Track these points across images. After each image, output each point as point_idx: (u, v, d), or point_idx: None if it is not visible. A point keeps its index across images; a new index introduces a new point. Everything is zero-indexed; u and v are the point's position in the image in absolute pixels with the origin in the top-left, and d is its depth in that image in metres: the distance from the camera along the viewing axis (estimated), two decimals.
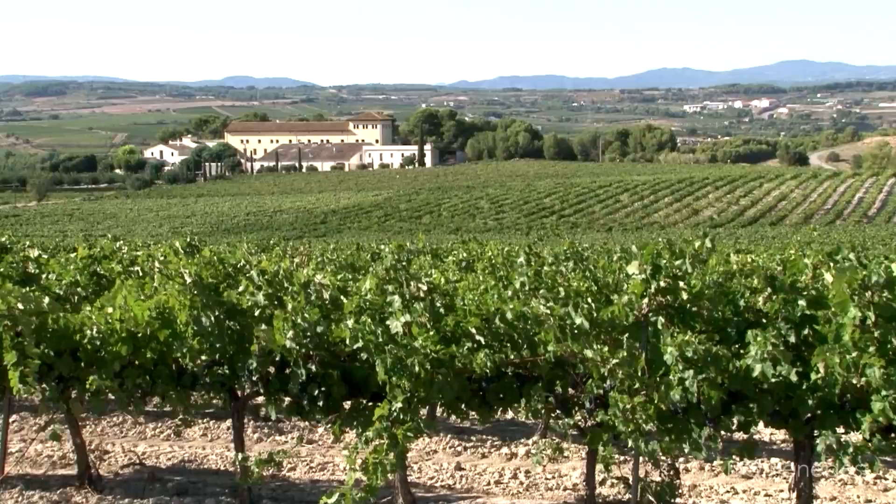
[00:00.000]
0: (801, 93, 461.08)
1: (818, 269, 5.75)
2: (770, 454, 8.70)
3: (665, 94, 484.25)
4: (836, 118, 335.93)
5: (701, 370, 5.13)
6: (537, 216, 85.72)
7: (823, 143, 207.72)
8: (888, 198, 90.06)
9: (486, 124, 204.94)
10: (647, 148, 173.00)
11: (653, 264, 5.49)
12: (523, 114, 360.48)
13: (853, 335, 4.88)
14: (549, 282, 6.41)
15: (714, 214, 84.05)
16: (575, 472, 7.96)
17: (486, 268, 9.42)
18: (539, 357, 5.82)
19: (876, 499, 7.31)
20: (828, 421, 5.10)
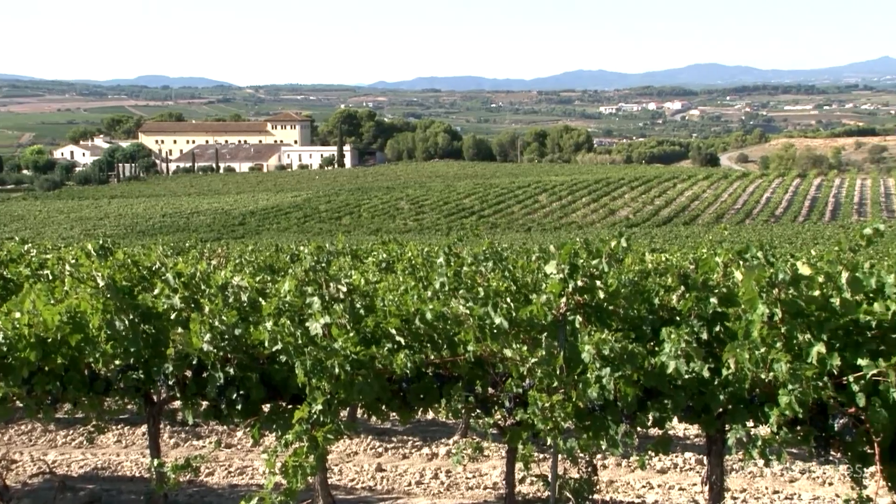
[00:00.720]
0: (712, 95, 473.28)
1: (729, 267, 5.90)
2: (684, 449, 8.91)
3: (581, 96, 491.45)
4: (744, 120, 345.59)
5: (617, 368, 5.21)
6: (457, 217, 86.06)
7: (733, 145, 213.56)
8: (793, 198, 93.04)
9: (405, 125, 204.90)
10: (565, 149, 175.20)
11: (570, 264, 5.56)
12: (442, 114, 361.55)
13: (761, 331, 5.02)
14: (469, 282, 6.44)
15: (630, 214, 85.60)
16: (495, 471, 8.03)
17: (405, 268, 9.41)
18: (459, 357, 5.85)
19: (783, 490, 7.54)
20: (738, 415, 5.24)
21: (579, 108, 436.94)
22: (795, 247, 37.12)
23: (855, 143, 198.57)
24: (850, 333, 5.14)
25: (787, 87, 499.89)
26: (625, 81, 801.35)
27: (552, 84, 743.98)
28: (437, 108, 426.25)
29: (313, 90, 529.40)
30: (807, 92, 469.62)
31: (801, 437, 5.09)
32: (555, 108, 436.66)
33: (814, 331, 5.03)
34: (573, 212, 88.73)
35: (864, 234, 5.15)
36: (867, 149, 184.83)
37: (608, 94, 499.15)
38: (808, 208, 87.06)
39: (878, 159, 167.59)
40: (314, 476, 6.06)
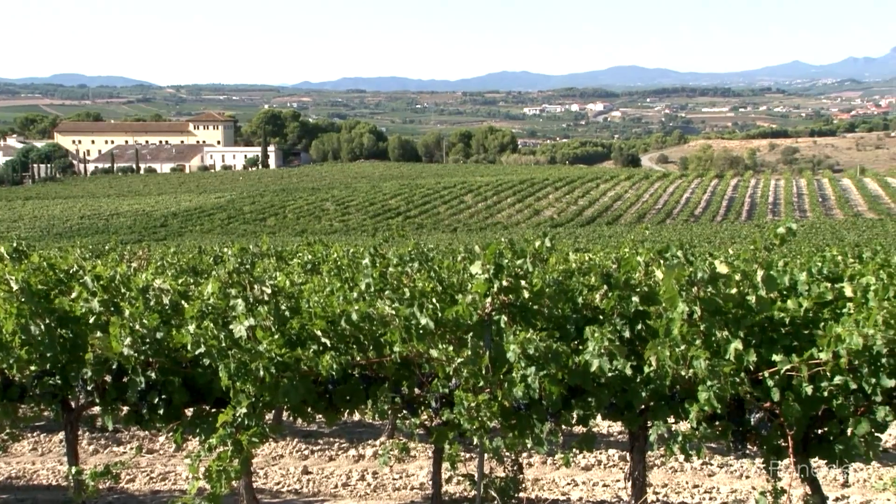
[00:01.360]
0: (633, 97, 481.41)
1: (650, 266, 6.02)
2: (608, 446, 9.04)
3: (506, 97, 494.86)
4: (664, 122, 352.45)
5: (542, 367, 5.27)
6: (383, 217, 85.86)
7: (653, 146, 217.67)
8: (712, 198, 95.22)
9: (330, 125, 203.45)
10: (490, 149, 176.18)
11: (495, 264, 5.61)
12: (368, 115, 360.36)
13: (681, 329, 5.14)
14: (395, 283, 6.44)
15: (554, 214, 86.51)
16: (422, 472, 8.04)
17: (331, 270, 9.36)
18: (385, 358, 5.85)
19: (702, 483, 7.71)
20: (660, 412, 5.35)
21: (504, 109, 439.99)
22: (714, 246, 37.99)
23: (769, 144, 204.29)
24: (765, 330, 5.29)
25: (705, 90, 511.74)
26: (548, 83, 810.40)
27: (477, 85, 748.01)
28: (363, 109, 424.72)
29: (236, 90, 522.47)
30: (723, 94, 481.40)
31: (720, 432, 5.23)
32: (479, 109, 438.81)
33: (731, 328, 5.17)
34: (498, 212, 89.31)
35: (777, 234, 5.31)
36: (780, 150, 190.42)
37: (532, 96, 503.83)
38: (725, 208, 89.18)
39: (790, 160, 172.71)
40: (239, 480, 5.98)
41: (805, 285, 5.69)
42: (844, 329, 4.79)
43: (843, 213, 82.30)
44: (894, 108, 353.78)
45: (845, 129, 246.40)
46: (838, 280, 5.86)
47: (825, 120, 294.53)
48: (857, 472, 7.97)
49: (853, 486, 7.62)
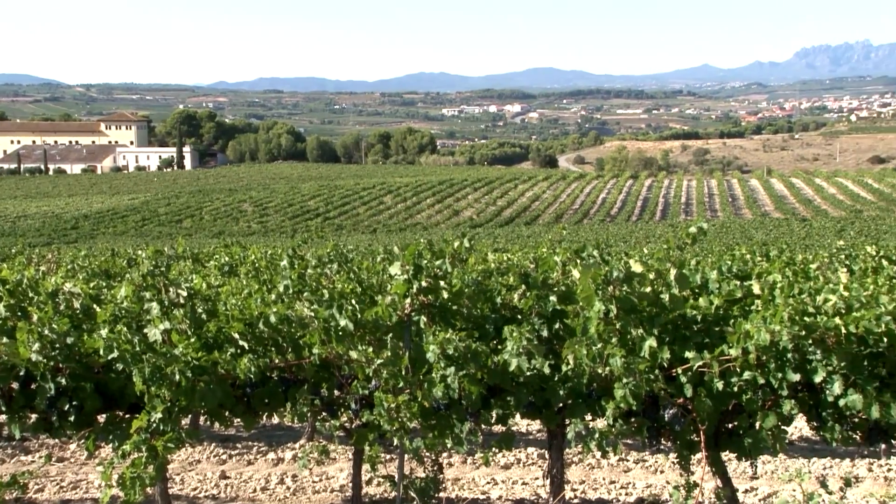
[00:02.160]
0: (549, 99, 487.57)
1: (567, 266, 6.11)
2: (527, 444, 9.14)
3: (424, 98, 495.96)
4: (580, 123, 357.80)
5: (462, 367, 5.30)
6: (302, 218, 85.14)
7: (570, 147, 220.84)
8: (627, 198, 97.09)
9: (247, 126, 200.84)
10: (409, 150, 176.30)
11: (414, 265, 5.62)
12: (285, 115, 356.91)
13: (598, 328, 5.22)
14: (314, 284, 6.40)
15: (474, 215, 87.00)
16: (342, 474, 8.00)
17: (249, 272, 9.26)
18: (304, 360, 5.80)
19: (619, 479, 7.86)
20: (577, 409, 5.43)
21: (422, 110, 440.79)
22: (629, 245, 38.73)
23: (681, 145, 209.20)
24: (678, 327, 5.42)
25: (619, 92, 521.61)
26: (466, 84, 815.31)
27: (395, 86, 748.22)
28: (280, 110, 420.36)
29: (150, 90, 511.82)
30: (636, 97, 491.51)
31: (635, 428, 5.33)
32: (398, 109, 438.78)
33: (646, 326, 5.28)
34: (418, 213, 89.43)
35: (689, 233, 5.44)
36: (692, 151, 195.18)
37: (450, 97, 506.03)
38: (640, 208, 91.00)
39: (701, 161, 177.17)
40: (154, 487, 5.86)
41: (716, 283, 5.84)
42: (753, 326, 4.93)
43: (751, 212, 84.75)
44: (797, 110, 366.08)
45: (753, 131, 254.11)
46: (747, 278, 6.03)
47: (734, 122, 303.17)
48: (765, 464, 8.22)
49: (761, 478, 7.85)
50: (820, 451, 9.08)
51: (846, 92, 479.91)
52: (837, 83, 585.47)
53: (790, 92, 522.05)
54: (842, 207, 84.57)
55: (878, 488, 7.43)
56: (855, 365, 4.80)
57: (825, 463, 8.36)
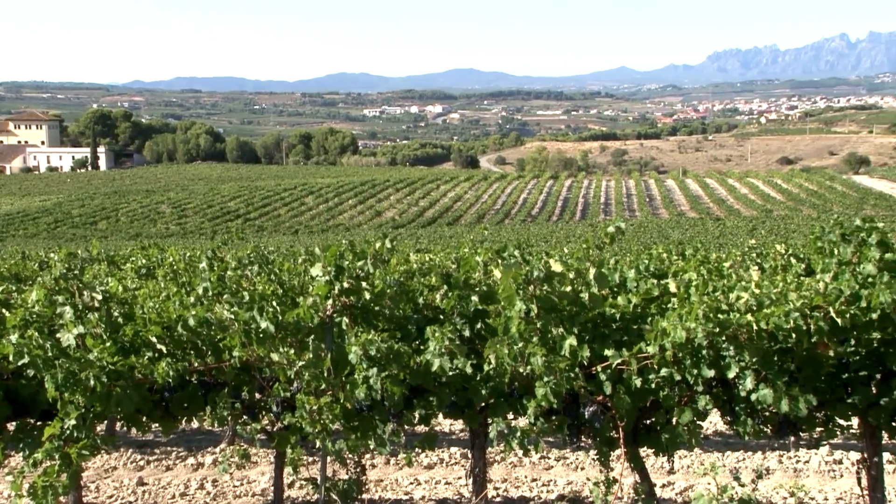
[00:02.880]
0: (470, 99, 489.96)
1: (488, 266, 6.16)
2: (450, 444, 9.18)
3: (345, 99, 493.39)
4: (501, 124, 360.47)
5: (384, 367, 5.30)
6: (222, 220, 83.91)
7: (491, 148, 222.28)
8: (547, 198, 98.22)
9: (164, 126, 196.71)
10: (330, 151, 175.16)
11: (336, 266, 5.59)
12: (204, 116, 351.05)
13: (519, 327, 5.28)
14: (234, 286, 6.32)
15: (396, 216, 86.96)
16: (264, 477, 7.91)
17: (167, 274, 9.08)
18: (225, 363, 5.72)
19: (540, 477, 7.95)
20: (499, 409, 5.47)
21: (343, 110, 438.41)
22: (550, 245, 39.16)
23: (600, 146, 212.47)
24: (597, 326, 5.51)
25: (539, 93, 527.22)
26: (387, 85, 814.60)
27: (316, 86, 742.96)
28: (199, 109, 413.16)
29: (61, 88, 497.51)
30: (556, 98, 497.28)
31: (556, 426, 5.40)
32: (319, 110, 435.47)
33: (566, 325, 5.35)
34: (340, 214, 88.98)
35: (608, 233, 5.54)
36: (610, 152, 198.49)
37: (372, 97, 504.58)
38: (560, 208, 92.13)
39: (619, 162, 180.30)
40: (67, 495, 5.72)
41: (634, 282, 5.96)
42: (669, 323, 5.04)
43: (668, 212, 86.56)
44: (711, 112, 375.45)
45: (668, 133, 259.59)
46: (664, 277, 6.16)
47: (650, 123, 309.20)
48: (681, 458, 8.41)
49: (678, 473, 8.03)
50: (733, 444, 9.33)
51: (756, 95, 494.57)
52: (748, 86, 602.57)
53: (703, 94, 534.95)
54: (753, 207, 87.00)
55: (787, 479, 7.67)
56: (766, 360, 4.95)
57: (738, 456, 8.59)
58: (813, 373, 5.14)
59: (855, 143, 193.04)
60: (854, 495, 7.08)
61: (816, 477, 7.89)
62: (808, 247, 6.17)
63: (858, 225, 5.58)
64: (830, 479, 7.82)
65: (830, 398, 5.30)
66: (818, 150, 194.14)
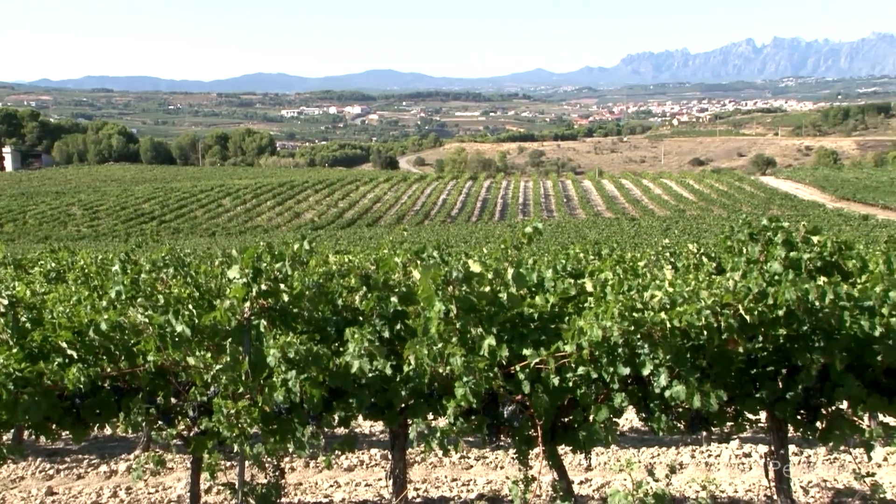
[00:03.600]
0: (389, 100, 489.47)
1: (407, 266, 6.16)
2: (370, 445, 9.15)
3: (263, 99, 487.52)
4: (420, 125, 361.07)
5: (303, 370, 5.26)
6: (136, 222, 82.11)
7: (410, 149, 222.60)
8: (467, 199, 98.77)
9: (74, 126, 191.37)
10: (248, 152, 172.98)
11: (254, 268, 5.53)
12: (116, 115, 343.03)
13: (438, 327, 5.30)
14: (148, 290, 6.19)
15: (315, 217, 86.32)
16: (180, 483, 7.77)
17: (78, 278, 8.85)
18: (139, 368, 5.61)
19: (460, 477, 7.98)
20: (419, 409, 5.48)
21: (261, 111, 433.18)
22: (470, 245, 39.36)
23: (518, 147, 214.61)
24: (516, 326, 5.56)
25: (457, 95, 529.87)
26: (305, 85, 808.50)
27: (232, 86, 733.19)
28: (111, 109, 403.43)
29: None
30: (474, 99, 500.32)
31: (476, 425, 5.43)
32: (236, 110, 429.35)
33: (485, 325, 5.40)
34: (258, 215, 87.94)
35: (525, 233, 5.60)
36: (528, 153, 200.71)
37: (289, 98, 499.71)
38: (479, 209, 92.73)
39: (537, 163, 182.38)
40: None
41: (551, 282, 6.04)
42: (586, 322, 5.12)
43: (585, 212, 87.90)
44: (625, 114, 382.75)
45: (585, 134, 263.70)
46: (580, 276, 6.26)
47: (567, 125, 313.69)
48: (598, 455, 8.54)
49: (595, 470, 8.16)
50: (649, 440, 9.52)
51: (668, 97, 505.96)
52: (660, 89, 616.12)
53: (618, 96, 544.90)
54: (667, 207, 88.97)
55: (699, 473, 7.87)
56: (679, 357, 5.07)
57: (653, 452, 8.77)
58: (723, 369, 5.28)
59: (762, 145, 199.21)
60: (762, 487, 7.30)
61: (727, 470, 8.11)
62: (718, 246, 6.34)
63: (765, 225, 5.77)
64: (740, 472, 8.05)
65: (740, 393, 5.46)
66: (727, 152, 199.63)
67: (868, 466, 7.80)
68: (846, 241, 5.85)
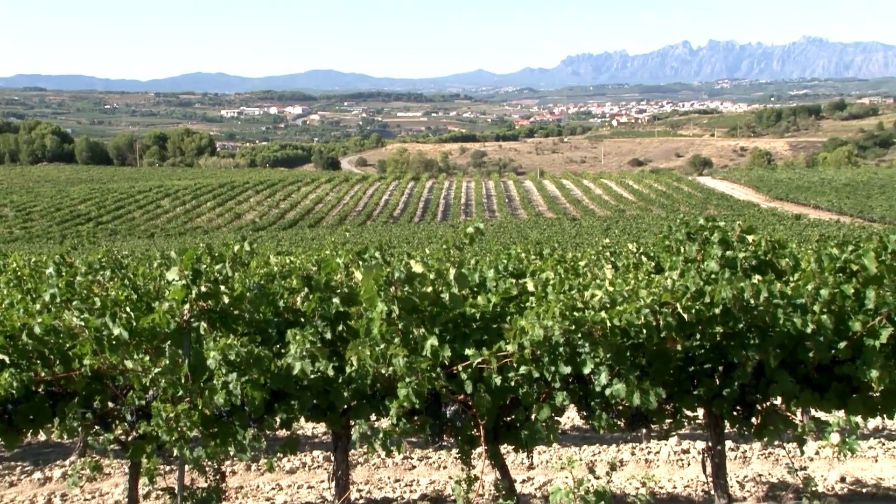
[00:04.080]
0: (330, 101, 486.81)
1: (349, 267, 6.14)
2: (313, 447, 9.10)
3: (202, 99, 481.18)
4: (361, 125, 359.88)
5: (244, 372, 5.21)
6: (72, 223, 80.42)
7: (352, 149, 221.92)
8: (409, 199, 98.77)
9: (6, 126, 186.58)
10: (187, 152, 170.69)
11: (193, 269, 5.46)
12: (50, 115, 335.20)
13: (381, 328, 5.29)
14: (84, 292, 6.07)
15: (256, 218, 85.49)
16: (117, 489, 7.64)
17: (10, 280, 8.65)
18: (74, 372, 5.50)
19: (403, 477, 7.98)
20: (361, 410, 5.47)
21: (200, 111, 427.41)
22: (412, 246, 39.37)
23: (460, 148, 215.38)
24: (458, 326, 5.58)
25: (399, 95, 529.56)
26: (246, 85, 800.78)
27: (170, 86, 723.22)
28: (44, 109, 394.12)
29: None
30: (416, 100, 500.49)
31: (419, 426, 5.44)
32: (174, 110, 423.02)
33: (427, 325, 5.41)
34: (198, 216, 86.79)
35: (467, 234, 5.62)
36: (470, 154, 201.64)
37: (229, 98, 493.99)
38: (422, 209, 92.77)
39: (479, 163, 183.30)
40: None
41: (493, 282, 6.07)
42: (527, 322, 5.16)
43: (526, 212, 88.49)
44: (566, 115, 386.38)
45: (526, 135, 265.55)
46: (522, 276, 6.30)
47: (508, 126, 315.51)
48: (540, 454, 8.61)
49: (537, 468, 8.22)
50: (590, 438, 9.63)
51: (608, 98, 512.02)
52: (600, 90, 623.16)
53: (559, 97, 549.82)
54: (607, 207, 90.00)
55: (639, 470, 7.98)
56: (619, 356, 5.14)
57: (595, 449, 8.87)
58: (662, 367, 5.37)
59: (699, 146, 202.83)
60: (700, 482, 7.42)
61: (666, 467, 8.23)
62: (657, 245, 6.44)
63: (702, 224, 5.88)
64: (679, 468, 8.18)
65: (678, 391, 5.56)
66: (666, 153, 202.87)
67: (801, 460, 7.99)
68: (779, 240, 5.99)
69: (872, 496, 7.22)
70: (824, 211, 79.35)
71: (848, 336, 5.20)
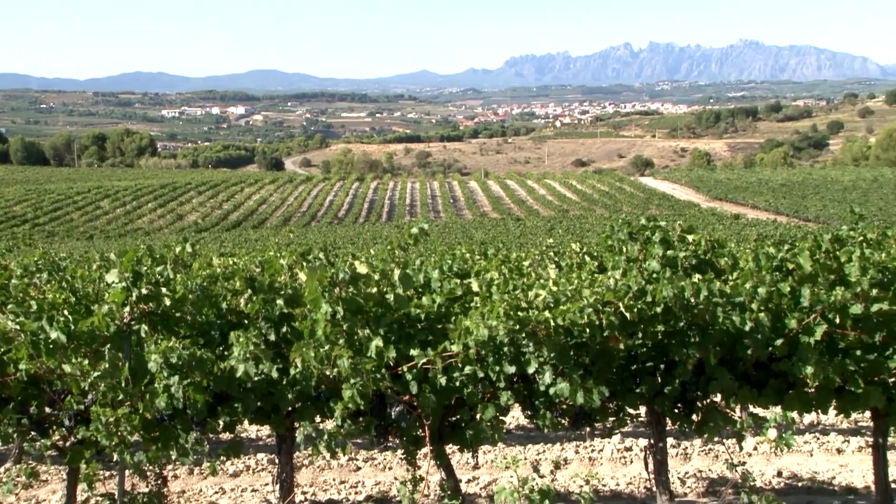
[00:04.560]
0: (274, 101, 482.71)
1: (293, 268, 6.11)
2: (257, 450, 9.03)
3: (142, 99, 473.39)
4: (305, 126, 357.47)
5: (186, 375, 5.14)
6: (7, 225, 78.49)
7: (296, 150, 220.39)
8: (354, 200, 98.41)
9: None
10: (127, 153, 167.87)
11: (133, 271, 5.38)
12: None
13: (325, 329, 5.27)
14: (20, 296, 5.95)
15: (199, 219, 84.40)
16: (55, 496, 7.49)
17: None
18: (9, 377, 5.38)
19: (349, 479, 7.96)
20: (306, 412, 5.44)
21: (140, 111, 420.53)
22: (357, 247, 39.23)
23: (404, 148, 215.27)
24: (403, 326, 5.58)
25: (343, 95, 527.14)
26: (187, 85, 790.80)
27: (109, 85, 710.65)
28: None
29: None
30: (360, 100, 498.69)
31: (364, 427, 5.43)
32: (114, 110, 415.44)
33: (372, 326, 5.40)
34: (139, 218, 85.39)
35: (412, 234, 5.63)
36: (415, 154, 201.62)
37: (170, 98, 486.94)
38: (367, 210, 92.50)
39: (424, 164, 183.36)
40: None
41: (438, 282, 6.08)
42: (472, 322, 5.18)
43: (471, 213, 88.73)
44: (510, 116, 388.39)
45: (470, 135, 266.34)
46: (466, 276, 6.32)
47: (453, 126, 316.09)
48: (485, 454, 8.65)
49: (483, 468, 8.26)
50: (534, 437, 9.70)
51: (551, 99, 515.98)
52: (543, 91, 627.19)
53: (502, 98, 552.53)
54: (551, 207, 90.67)
55: (583, 468, 8.07)
56: (562, 355, 5.18)
57: (539, 448, 8.93)
58: (605, 365, 5.43)
59: (640, 147, 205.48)
60: (642, 479, 7.52)
61: (610, 464, 8.33)
62: (600, 245, 6.51)
63: (644, 224, 5.96)
64: (622, 466, 8.28)
65: (621, 389, 5.63)
66: (608, 153, 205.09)
67: (740, 456, 8.15)
68: (719, 239, 6.10)
69: (808, 489, 7.39)
70: (762, 211, 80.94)
71: (784, 333, 5.32)
